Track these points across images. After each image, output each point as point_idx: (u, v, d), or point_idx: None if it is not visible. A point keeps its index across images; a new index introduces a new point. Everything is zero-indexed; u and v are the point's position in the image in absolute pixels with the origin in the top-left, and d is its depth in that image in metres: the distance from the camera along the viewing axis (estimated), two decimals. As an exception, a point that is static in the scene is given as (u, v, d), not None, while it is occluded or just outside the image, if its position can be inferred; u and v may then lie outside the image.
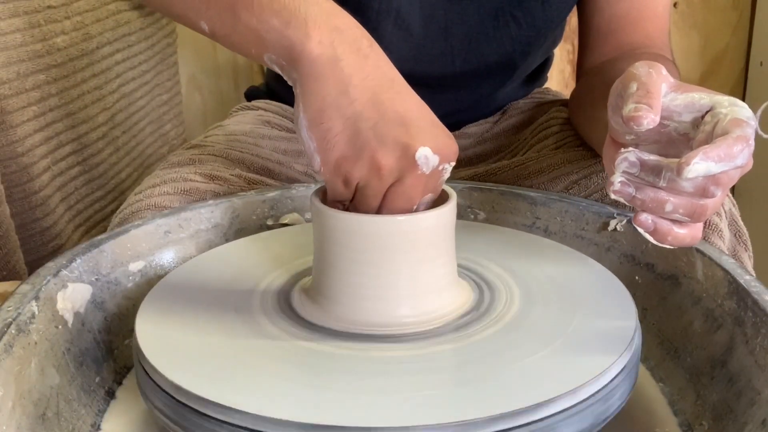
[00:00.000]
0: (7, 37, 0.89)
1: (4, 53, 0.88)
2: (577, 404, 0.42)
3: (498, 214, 0.70)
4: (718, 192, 0.46)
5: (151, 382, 0.46)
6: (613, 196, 0.49)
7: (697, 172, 0.43)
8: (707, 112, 0.48)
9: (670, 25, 0.85)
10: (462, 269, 0.55)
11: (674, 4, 1.62)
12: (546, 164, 0.74)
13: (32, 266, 0.91)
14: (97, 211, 1.10)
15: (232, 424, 0.41)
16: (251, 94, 1.04)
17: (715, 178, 0.45)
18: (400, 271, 0.49)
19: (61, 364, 0.51)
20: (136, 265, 0.62)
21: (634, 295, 0.53)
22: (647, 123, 0.46)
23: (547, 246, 0.62)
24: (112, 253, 0.60)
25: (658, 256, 0.60)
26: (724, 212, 0.67)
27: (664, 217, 0.48)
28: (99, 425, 0.52)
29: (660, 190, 0.47)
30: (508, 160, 0.84)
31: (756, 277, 0.53)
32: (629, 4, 0.82)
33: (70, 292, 0.55)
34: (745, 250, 0.68)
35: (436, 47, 0.85)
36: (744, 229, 0.68)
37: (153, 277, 0.62)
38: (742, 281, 0.52)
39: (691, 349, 0.55)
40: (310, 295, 0.53)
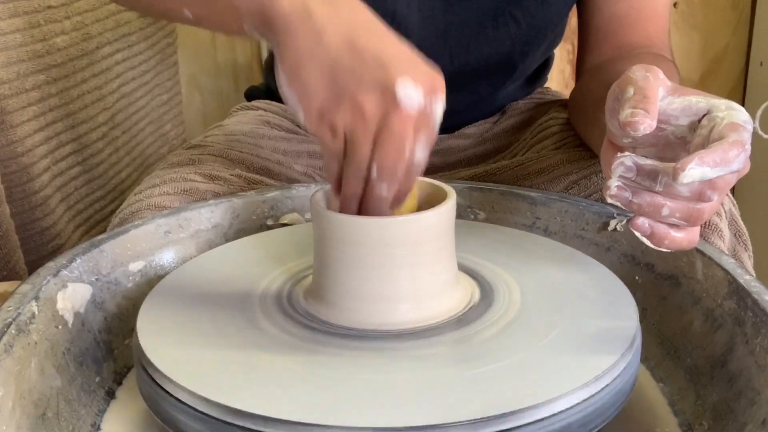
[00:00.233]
0: (7, 37, 0.89)
1: (4, 53, 0.88)
2: (577, 404, 0.42)
3: (498, 214, 0.70)
4: (715, 196, 0.47)
5: (151, 381, 0.46)
6: (610, 200, 0.49)
7: (692, 177, 0.43)
8: (704, 116, 0.48)
9: (670, 25, 0.85)
10: (462, 269, 0.55)
11: (674, 4, 1.62)
12: (546, 164, 0.74)
13: (32, 266, 0.91)
14: (97, 211, 1.10)
15: (232, 424, 0.41)
16: (251, 94, 1.04)
17: (712, 182, 0.45)
18: (399, 271, 0.49)
19: (61, 364, 0.51)
20: (136, 265, 0.62)
21: (634, 295, 0.53)
22: (644, 128, 0.46)
23: (547, 246, 0.62)
24: (112, 253, 0.60)
25: (658, 256, 0.60)
26: (724, 212, 0.67)
27: (661, 221, 0.48)
28: (99, 425, 0.52)
29: (656, 195, 0.47)
30: (508, 160, 0.84)
31: (756, 277, 0.53)
32: (629, 5, 0.82)
33: (70, 292, 0.55)
34: (745, 250, 0.68)
35: (435, 48, 0.84)
36: (744, 228, 0.68)
37: (153, 277, 0.62)
38: (742, 281, 0.52)
39: (691, 349, 0.55)
40: (310, 295, 0.53)
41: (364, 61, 0.47)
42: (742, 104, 0.51)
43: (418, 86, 0.47)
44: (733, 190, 0.53)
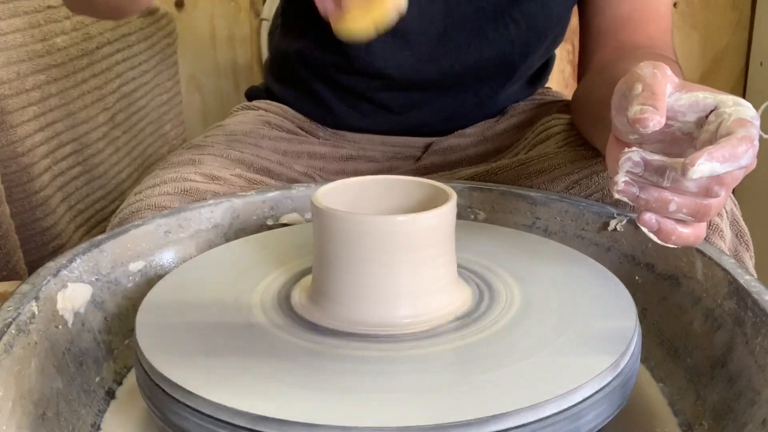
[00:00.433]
0: (7, 37, 0.89)
1: (4, 53, 0.88)
2: (576, 404, 0.42)
3: (498, 214, 0.70)
4: (722, 192, 0.46)
5: (151, 381, 0.46)
6: (617, 196, 0.48)
7: (701, 173, 0.43)
8: (711, 112, 0.48)
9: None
10: (462, 269, 0.55)
11: (674, 4, 1.62)
12: (547, 164, 0.74)
13: (32, 266, 0.91)
14: (98, 210, 1.10)
15: (232, 424, 0.41)
16: (252, 94, 1.04)
17: (719, 178, 0.45)
18: (399, 271, 0.49)
19: (61, 364, 0.51)
20: (136, 265, 0.62)
21: (634, 295, 0.53)
22: (653, 125, 0.46)
23: (547, 246, 0.62)
24: (112, 253, 0.60)
25: (658, 256, 0.60)
26: (726, 212, 0.67)
27: (668, 217, 0.48)
28: (99, 425, 0.52)
29: (664, 190, 0.47)
30: (509, 159, 0.84)
31: (757, 277, 0.53)
32: (631, 6, 0.82)
33: (70, 292, 0.55)
34: (747, 250, 0.68)
35: (435, 52, 0.85)
36: (745, 229, 0.68)
37: (153, 277, 0.62)
38: (742, 281, 0.52)
39: (691, 349, 0.55)
40: (309, 295, 0.53)
41: None
42: (742, 104, 0.51)
43: None
44: (734, 191, 0.53)
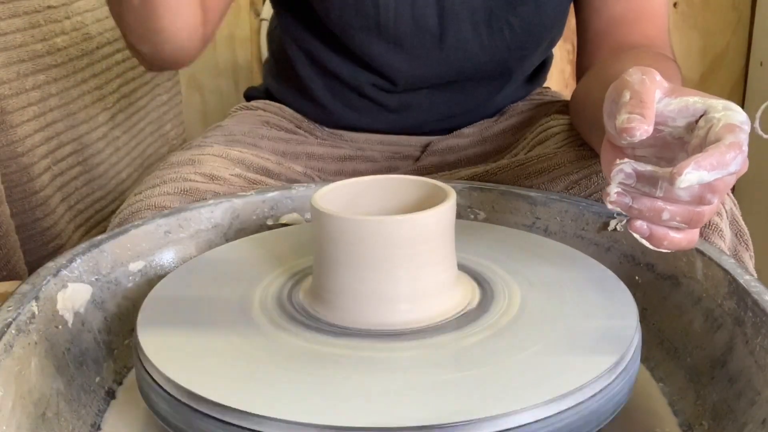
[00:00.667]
0: (7, 37, 0.89)
1: (4, 53, 0.88)
2: (576, 404, 0.42)
3: (498, 214, 0.70)
4: (715, 199, 0.47)
5: (151, 381, 0.46)
6: (610, 207, 0.49)
7: (689, 182, 0.43)
8: (701, 117, 0.48)
9: (670, 25, 0.85)
10: (462, 269, 0.55)
11: (674, 4, 1.62)
12: (547, 164, 0.74)
13: (32, 266, 0.91)
14: (98, 211, 1.10)
15: (232, 424, 0.41)
16: (251, 94, 1.04)
17: (711, 185, 0.45)
18: (399, 271, 0.49)
19: (61, 364, 0.51)
20: (136, 265, 0.62)
21: (634, 295, 0.53)
22: (640, 134, 0.46)
23: (547, 246, 0.62)
24: (112, 253, 0.60)
25: (658, 256, 0.60)
26: (725, 212, 0.67)
27: (662, 225, 0.48)
28: (99, 425, 0.52)
29: (656, 200, 0.47)
30: (508, 159, 0.84)
31: (757, 277, 0.53)
32: (626, 6, 0.82)
33: (70, 292, 0.55)
34: (747, 250, 0.68)
35: (431, 55, 0.85)
36: (745, 228, 0.68)
37: (153, 277, 0.62)
38: (742, 281, 0.52)
39: (691, 349, 0.55)
40: (309, 295, 0.53)
41: None
42: (742, 104, 0.51)
43: None
44: (733, 190, 0.53)
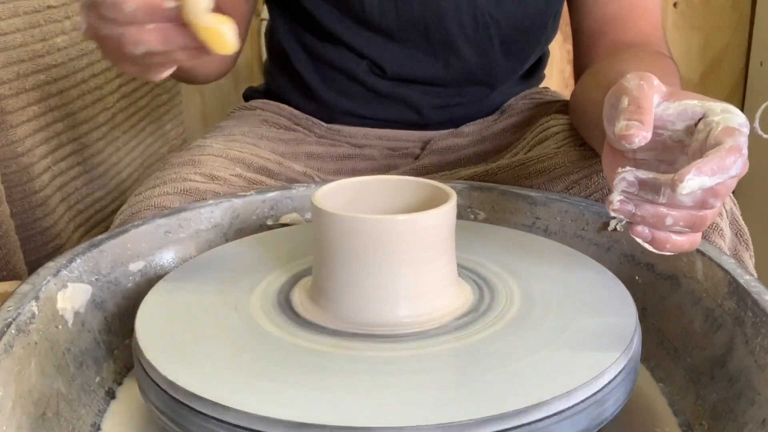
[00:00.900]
0: (7, 37, 0.89)
1: (4, 53, 0.88)
2: (577, 404, 0.42)
3: (498, 214, 0.70)
4: (717, 203, 0.47)
5: (151, 381, 0.46)
6: (613, 215, 0.49)
7: (691, 188, 0.43)
8: (700, 120, 0.48)
9: (670, 25, 0.85)
10: (462, 269, 0.55)
11: (674, 4, 1.62)
12: (547, 164, 0.74)
13: (32, 266, 0.91)
14: (98, 211, 1.10)
15: (232, 424, 0.41)
16: (249, 94, 1.04)
17: (713, 189, 0.46)
18: (399, 270, 0.49)
19: (61, 364, 0.51)
20: (136, 265, 0.62)
21: (634, 295, 0.53)
22: (639, 141, 0.46)
23: (547, 246, 0.62)
24: (112, 253, 0.60)
25: (658, 257, 0.60)
26: (725, 212, 0.67)
27: (665, 230, 0.48)
28: (99, 425, 0.52)
29: (659, 206, 0.47)
30: (508, 159, 0.84)
31: (757, 277, 0.53)
32: (618, 5, 0.83)
33: (70, 292, 0.55)
34: (747, 250, 0.68)
35: (420, 50, 0.86)
36: (745, 228, 0.68)
37: (153, 277, 0.62)
38: (742, 281, 0.52)
39: (691, 349, 0.55)
40: (309, 295, 0.53)
41: None
42: (742, 104, 0.51)
43: None
44: (733, 190, 0.53)
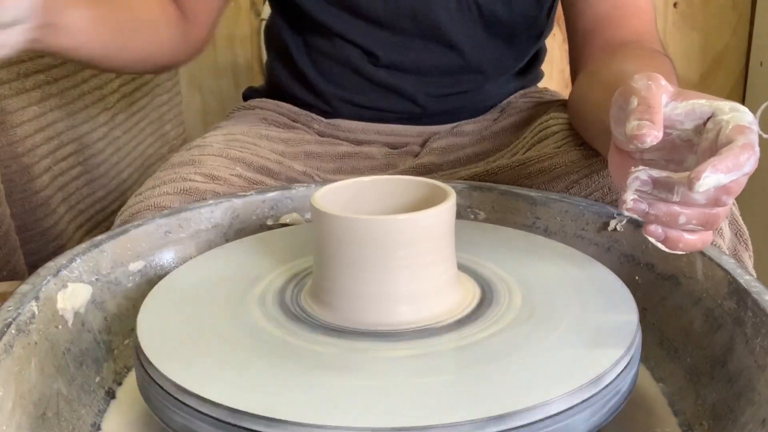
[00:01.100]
0: (7, 38, 0.89)
1: (4, 53, 0.88)
2: (577, 404, 0.42)
3: (498, 214, 0.70)
4: (729, 200, 0.47)
5: (151, 381, 0.46)
6: (627, 214, 0.49)
7: (708, 185, 0.44)
8: (708, 119, 0.48)
9: (670, 25, 0.85)
10: (462, 269, 0.55)
11: (674, 4, 1.62)
12: (547, 164, 0.74)
13: (33, 267, 0.91)
14: (99, 211, 1.10)
15: (232, 424, 0.41)
16: (248, 94, 1.04)
17: (726, 187, 0.46)
18: (399, 271, 0.49)
19: (61, 364, 0.51)
20: (136, 265, 0.62)
21: (634, 295, 0.53)
22: (651, 140, 0.46)
23: (547, 246, 0.62)
24: (112, 253, 0.60)
25: (658, 257, 0.60)
26: (725, 211, 0.67)
27: (678, 228, 0.49)
28: (99, 425, 0.52)
29: (672, 204, 0.48)
30: (507, 159, 0.84)
31: (756, 277, 0.53)
32: (610, 4, 0.83)
33: (70, 292, 0.55)
34: (746, 250, 0.68)
35: (410, 37, 0.88)
36: (744, 228, 0.68)
37: (153, 277, 0.62)
38: (742, 281, 0.52)
39: (691, 349, 0.55)
40: (309, 295, 0.53)
41: None
42: (742, 104, 0.51)
43: None
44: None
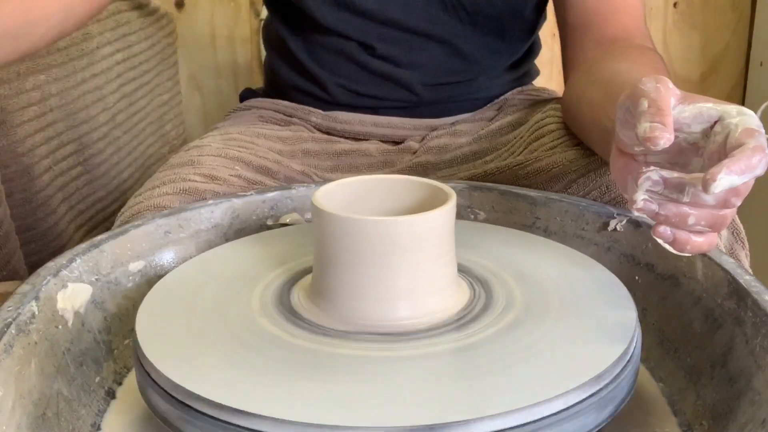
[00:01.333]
0: (7, 38, 0.88)
1: (4, 53, 0.88)
2: (576, 404, 0.43)
3: (498, 214, 0.70)
4: (738, 202, 0.48)
5: (151, 381, 0.46)
6: (637, 214, 0.49)
7: (723, 187, 0.44)
8: (716, 122, 0.48)
9: (670, 25, 0.85)
10: (462, 269, 0.55)
11: (674, 4, 1.62)
12: (544, 164, 0.74)
13: (33, 267, 0.91)
14: (99, 211, 1.10)
15: (232, 424, 0.41)
16: (245, 95, 1.05)
17: (736, 189, 0.46)
18: (399, 271, 0.49)
19: (61, 364, 0.51)
20: (136, 265, 0.62)
21: (634, 295, 0.53)
22: (663, 143, 0.46)
23: (547, 246, 0.62)
24: (112, 254, 0.60)
25: (658, 256, 0.60)
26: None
27: (686, 229, 0.49)
28: (99, 425, 0.52)
29: (682, 205, 0.48)
30: (504, 159, 0.84)
31: (755, 277, 0.53)
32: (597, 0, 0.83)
33: (70, 292, 0.55)
34: (743, 248, 0.68)
35: (400, 29, 0.89)
36: (741, 226, 0.69)
37: (153, 277, 0.62)
38: (742, 281, 0.52)
39: (691, 349, 0.55)
40: (309, 295, 0.53)
41: None
42: (742, 104, 0.51)
43: None
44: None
